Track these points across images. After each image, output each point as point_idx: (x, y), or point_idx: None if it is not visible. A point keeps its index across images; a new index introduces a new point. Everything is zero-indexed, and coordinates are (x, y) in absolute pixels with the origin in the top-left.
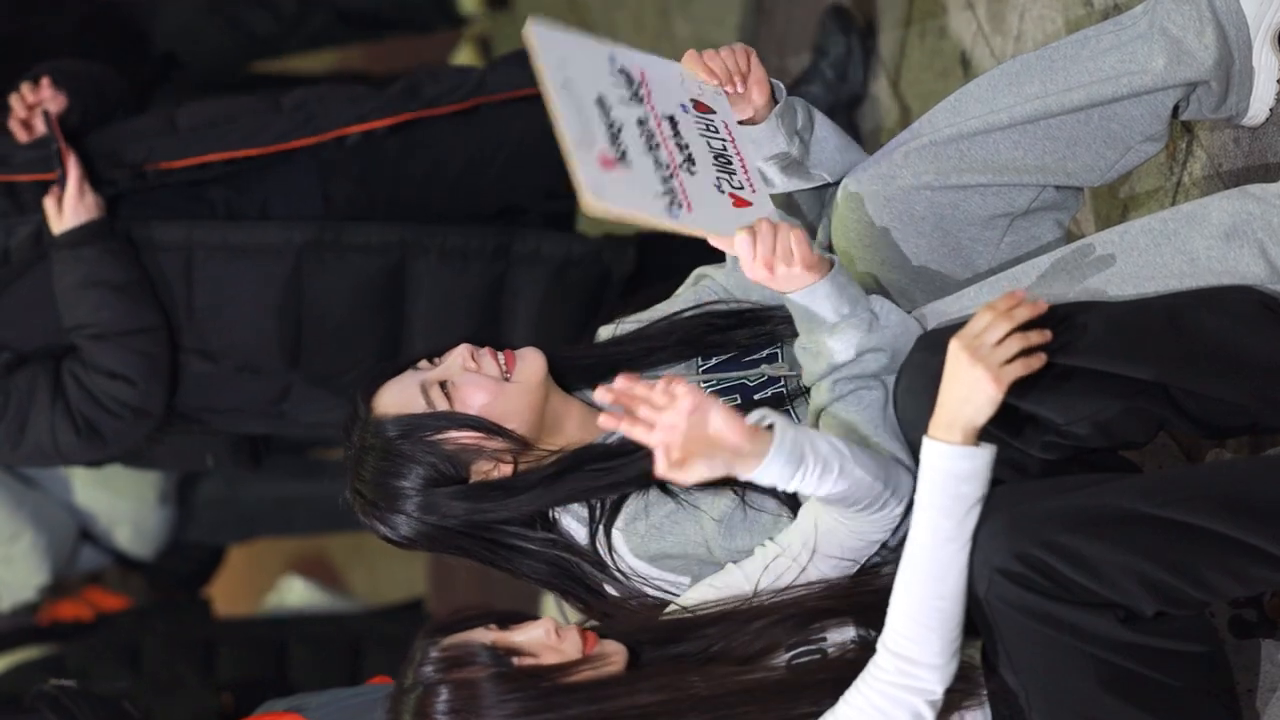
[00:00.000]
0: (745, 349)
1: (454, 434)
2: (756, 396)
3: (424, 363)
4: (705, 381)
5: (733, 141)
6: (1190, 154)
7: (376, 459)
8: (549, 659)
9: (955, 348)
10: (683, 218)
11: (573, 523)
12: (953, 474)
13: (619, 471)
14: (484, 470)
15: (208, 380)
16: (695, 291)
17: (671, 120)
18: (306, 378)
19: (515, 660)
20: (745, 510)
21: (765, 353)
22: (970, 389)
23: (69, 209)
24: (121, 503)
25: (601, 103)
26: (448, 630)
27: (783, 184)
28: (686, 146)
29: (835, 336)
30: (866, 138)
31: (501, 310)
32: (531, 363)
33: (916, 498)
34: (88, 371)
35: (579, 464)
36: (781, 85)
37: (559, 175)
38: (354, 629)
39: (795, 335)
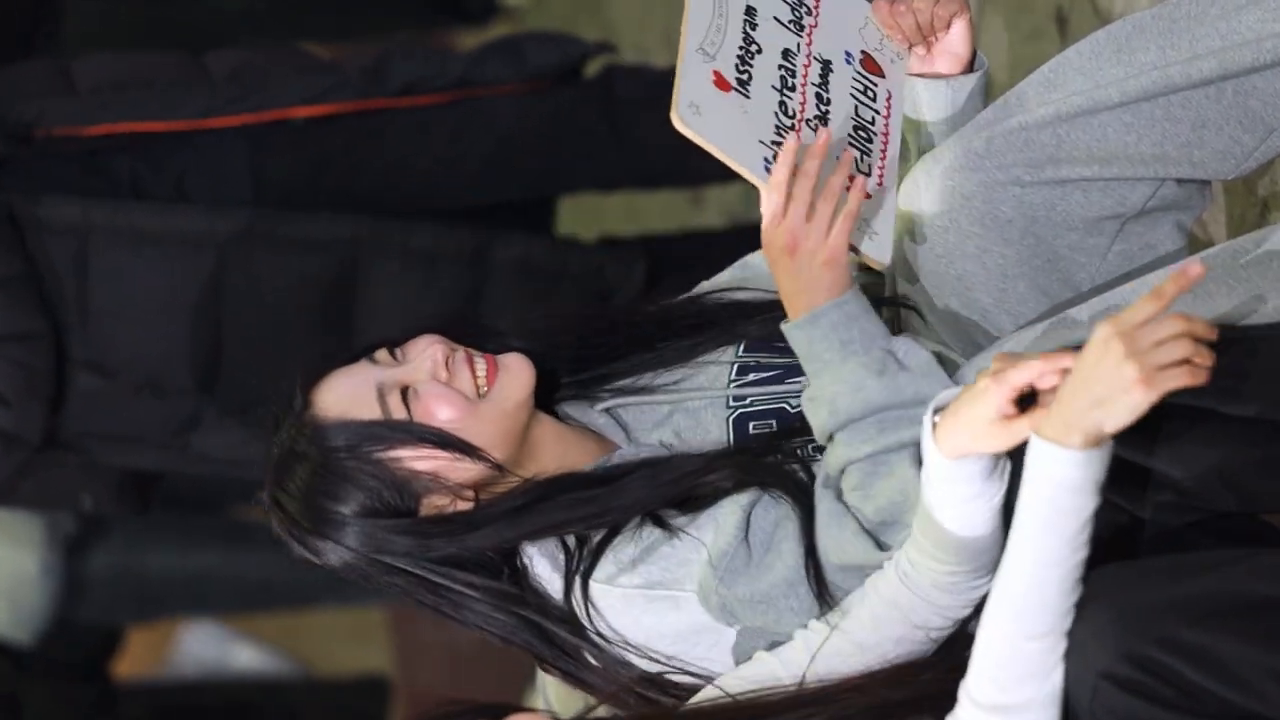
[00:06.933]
0: (790, 367)
1: (409, 453)
2: (799, 424)
3: (383, 354)
4: (737, 399)
5: (887, 118)
6: None
7: (308, 471)
8: None
9: (1106, 334)
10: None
11: (546, 568)
12: (1068, 485)
13: (599, 502)
14: (437, 505)
15: (99, 400)
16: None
17: (825, 66)
18: (221, 403)
19: None
20: (749, 549)
21: None
22: (1111, 388)
23: None
24: None
25: (750, 14)
26: None
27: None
28: (827, 102)
29: (839, 380)
30: None
31: None
32: (516, 376)
33: (1016, 515)
34: None
35: (551, 494)
36: (984, 57)
37: (545, 180)
38: (292, 699)
39: None
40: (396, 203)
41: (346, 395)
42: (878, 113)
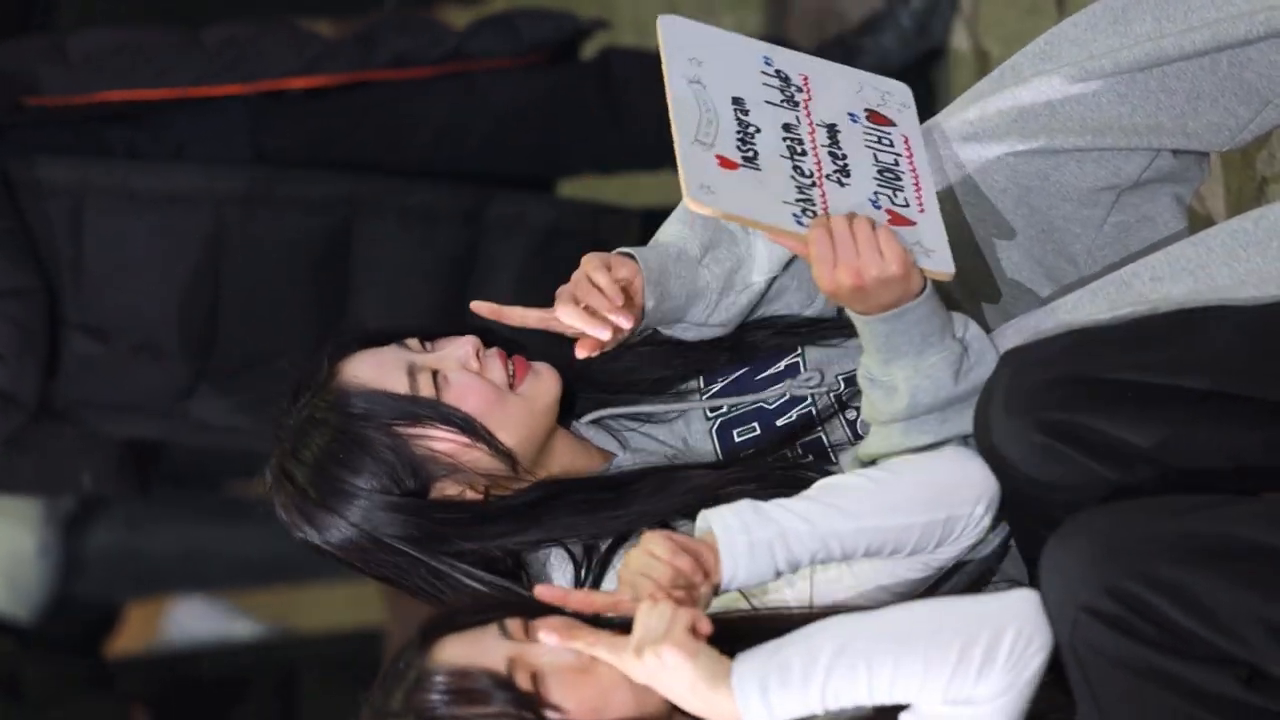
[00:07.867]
0: (757, 364)
1: (431, 432)
2: (779, 422)
3: (413, 342)
4: (713, 409)
5: (910, 158)
6: None
7: (326, 437)
8: (583, 693)
9: (632, 663)
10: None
11: (556, 568)
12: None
13: (609, 507)
14: (448, 492)
15: (95, 366)
16: None
17: (831, 129)
18: (219, 366)
19: (542, 702)
20: None
21: (784, 364)
22: (677, 683)
23: None
24: None
25: (738, 103)
26: (448, 627)
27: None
28: (843, 158)
29: (920, 373)
30: (935, 91)
31: (471, 290)
32: (546, 381)
33: None
34: None
35: (562, 493)
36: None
37: (542, 158)
38: (288, 656)
39: (815, 337)
40: (394, 168)
41: (376, 368)
42: (899, 155)
